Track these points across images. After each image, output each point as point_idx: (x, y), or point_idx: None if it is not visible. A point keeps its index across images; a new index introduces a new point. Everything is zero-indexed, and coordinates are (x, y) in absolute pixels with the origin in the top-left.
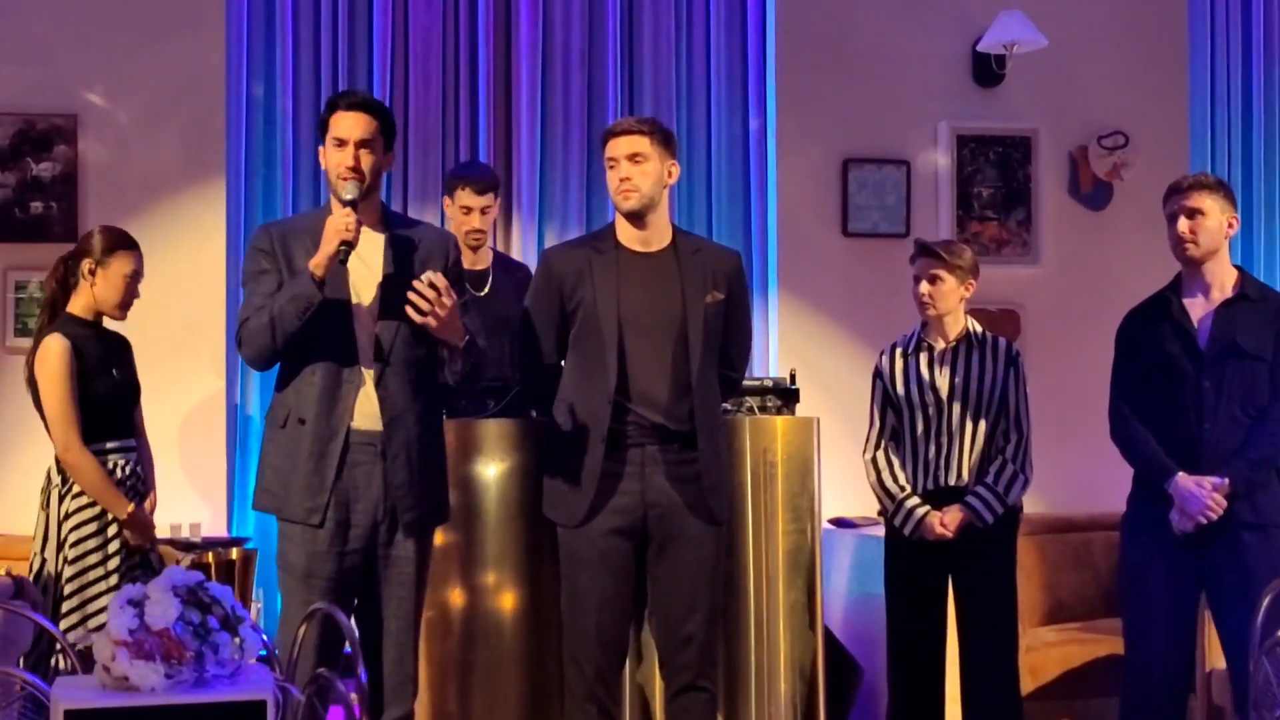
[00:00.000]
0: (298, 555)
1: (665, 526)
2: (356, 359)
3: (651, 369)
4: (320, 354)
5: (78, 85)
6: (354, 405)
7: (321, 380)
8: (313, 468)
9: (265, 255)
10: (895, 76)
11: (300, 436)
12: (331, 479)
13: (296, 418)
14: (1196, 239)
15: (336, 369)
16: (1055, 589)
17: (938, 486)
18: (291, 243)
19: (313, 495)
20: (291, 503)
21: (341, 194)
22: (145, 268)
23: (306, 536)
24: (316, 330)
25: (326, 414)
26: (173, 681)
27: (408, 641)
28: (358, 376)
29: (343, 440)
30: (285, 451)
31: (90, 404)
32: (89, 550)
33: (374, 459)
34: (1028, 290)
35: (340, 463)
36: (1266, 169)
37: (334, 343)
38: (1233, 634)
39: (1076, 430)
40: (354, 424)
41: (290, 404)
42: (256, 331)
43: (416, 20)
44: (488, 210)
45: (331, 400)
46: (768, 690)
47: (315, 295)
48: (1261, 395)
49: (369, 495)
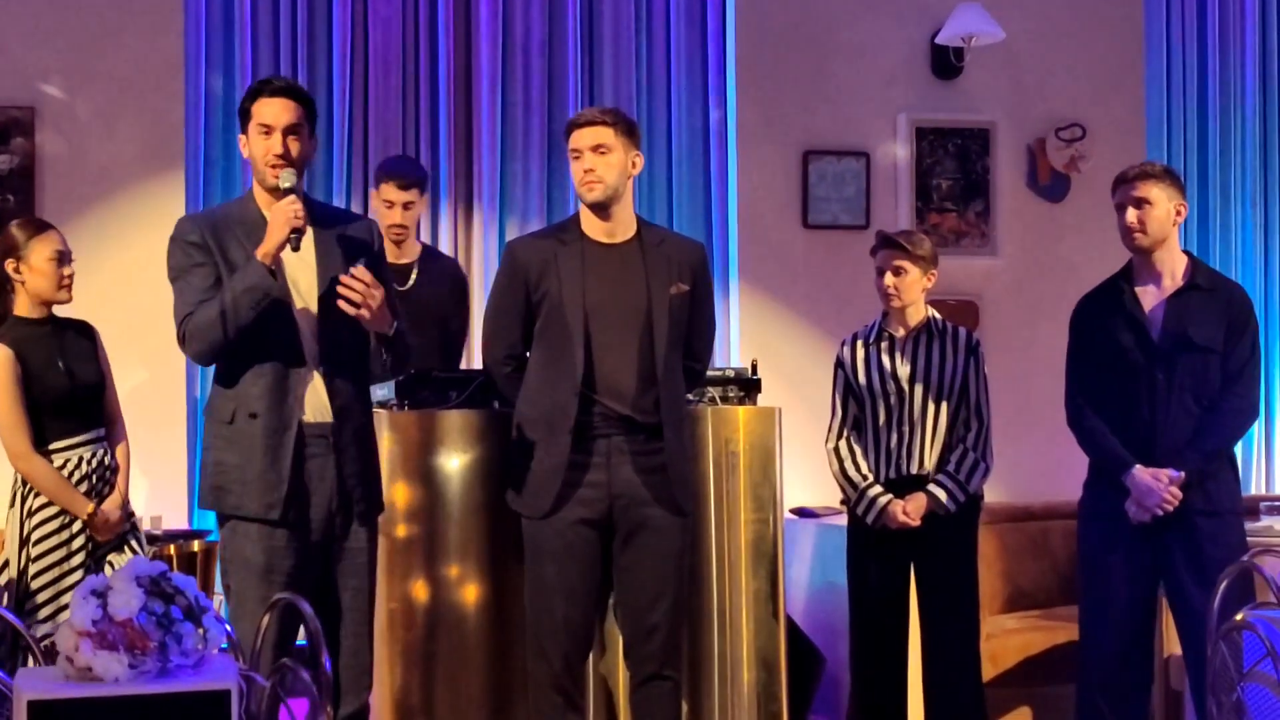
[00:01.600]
0: (255, 551)
1: (631, 517)
2: (301, 351)
3: (617, 360)
4: (265, 347)
5: (35, 77)
6: (304, 397)
7: (271, 374)
8: (268, 463)
9: (197, 248)
10: (854, 68)
11: (252, 431)
12: (288, 472)
13: (247, 413)
14: (1145, 228)
15: (283, 362)
16: (1015, 577)
17: (900, 475)
18: (223, 235)
19: (270, 490)
20: (248, 498)
21: (280, 183)
22: (100, 259)
23: (264, 532)
24: (262, 322)
25: (277, 407)
26: (136, 672)
27: (364, 633)
28: (304, 369)
29: (295, 433)
30: (236, 447)
31: (41, 405)
32: (52, 547)
33: (326, 450)
34: (986, 281)
35: (295, 456)
36: (1222, 160)
37: (277, 336)
38: (1189, 619)
39: (1034, 420)
40: (304, 417)
41: (239, 399)
42: (206, 326)
43: (376, 12)
44: (410, 205)
45: (281, 393)
46: (731, 679)
47: (271, 285)
48: (1213, 386)
49: (323, 488)
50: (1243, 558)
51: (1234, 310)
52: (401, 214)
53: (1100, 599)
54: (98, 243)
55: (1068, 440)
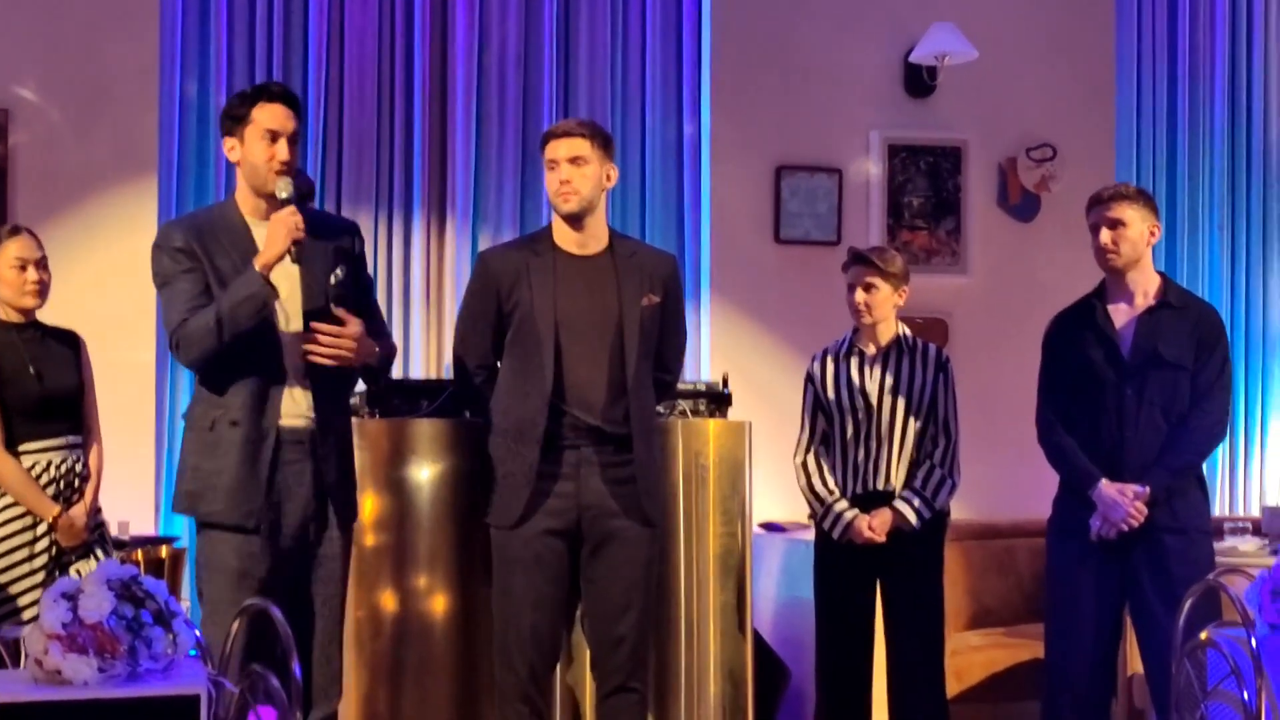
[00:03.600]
0: (229, 557)
1: (600, 528)
2: (282, 358)
3: (588, 371)
4: (248, 357)
5: (9, 79)
6: (280, 404)
7: (252, 381)
8: (247, 470)
9: (185, 254)
10: (828, 85)
11: (232, 439)
12: (265, 480)
13: (228, 420)
14: (1119, 249)
15: (264, 370)
16: (980, 594)
17: (867, 490)
18: (208, 241)
19: (249, 498)
20: (225, 506)
21: (278, 192)
22: (73, 264)
23: (239, 539)
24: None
25: (257, 416)
26: (106, 675)
27: (335, 639)
28: (283, 377)
29: (274, 440)
30: (215, 454)
31: (11, 407)
32: (16, 547)
33: (304, 457)
34: (956, 300)
35: (273, 463)
36: (1190, 181)
37: (260, 346)
38: (1154, 637)
39: (1002, 438)
40: (282, 423)
41: (221, 407)
42: (201, 333)
43: (351, 21)
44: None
45: (261, 400)
46: (697, 691)
47: (269, 294)
48: (1182, 403)
49: (300, 494)
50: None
51: (1204, 329)
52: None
53: (1068, 615)
54: (70, 247)
55: (1035, 458)
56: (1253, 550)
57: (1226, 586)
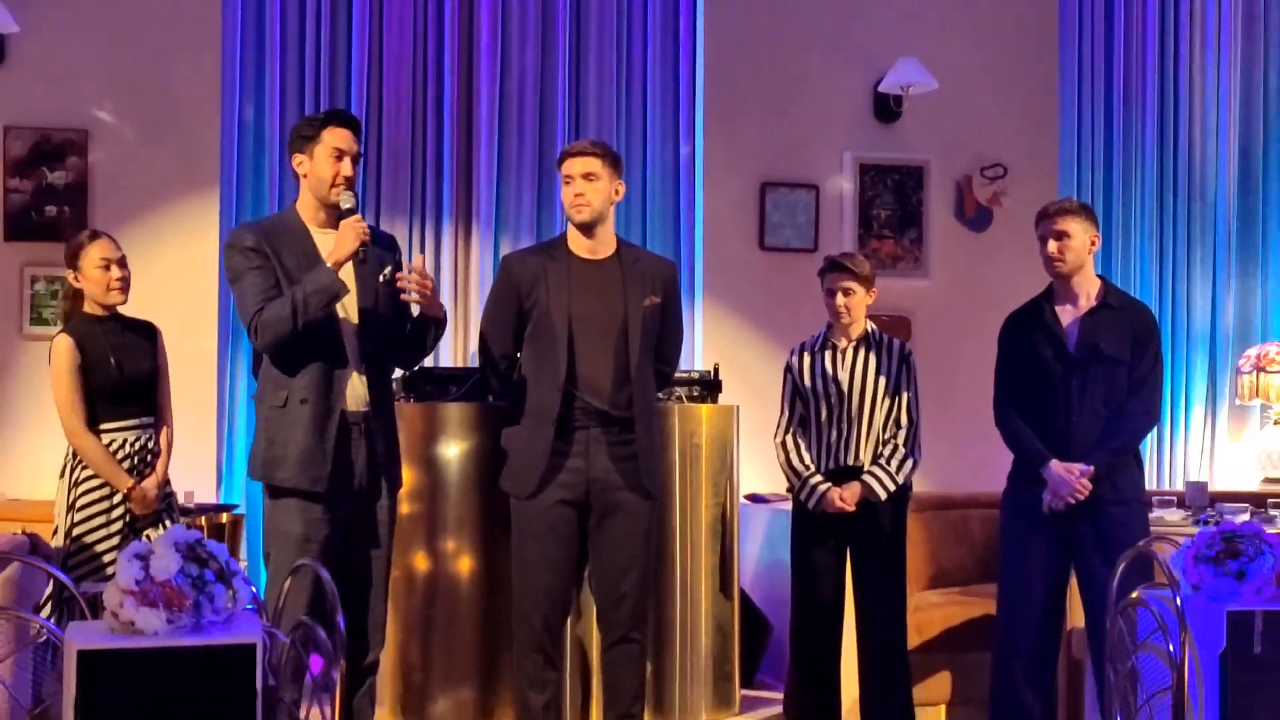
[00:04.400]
0: (294, 522)
1: (605, 500)
2: (344, 348)
3: (596, 362)
4: (316, 342)
5: (89, 104)
6: (345, 389)
7: (318, 365)
8: (316, 441)
9: (255, 253)
10: (807, 112)
11: (303, 415)
12: (332, 452)
13: (298, 399)
14: (1064, 257)
15: (330, 356)
16: (938, 558)
17: (838, 466)
18: (275, 242)
19: (316, 466)
20: (294, 472)
21: (342, 204)
22: (144, 265)
23: (304, 505)
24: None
25: (325, 396)
26: (173, 626)
27: (381, 597)
28: (346, 363)
29: (339, 418)
30: (286, 427)
31: (93, 390)
32: (95, 514)
33: (361, 435)
34: (918, 300)
35: (339, 439)
36: (1124, 196)
37: (324, 335)
38: (1094, 597)
39: (958, 420)
40: (346, 405)
41: (291, 387)
42: (275, 320)
43: (389, 51)
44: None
45: (328, 384)
46: (690, 642)
47: (341, 288)
48: (1120, 392)
49: (357, 467)
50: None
51: (1140, 327)
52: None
53: (1019, 578)
54: (142, 250)
55: (987, 439)
56: (1177, 520)
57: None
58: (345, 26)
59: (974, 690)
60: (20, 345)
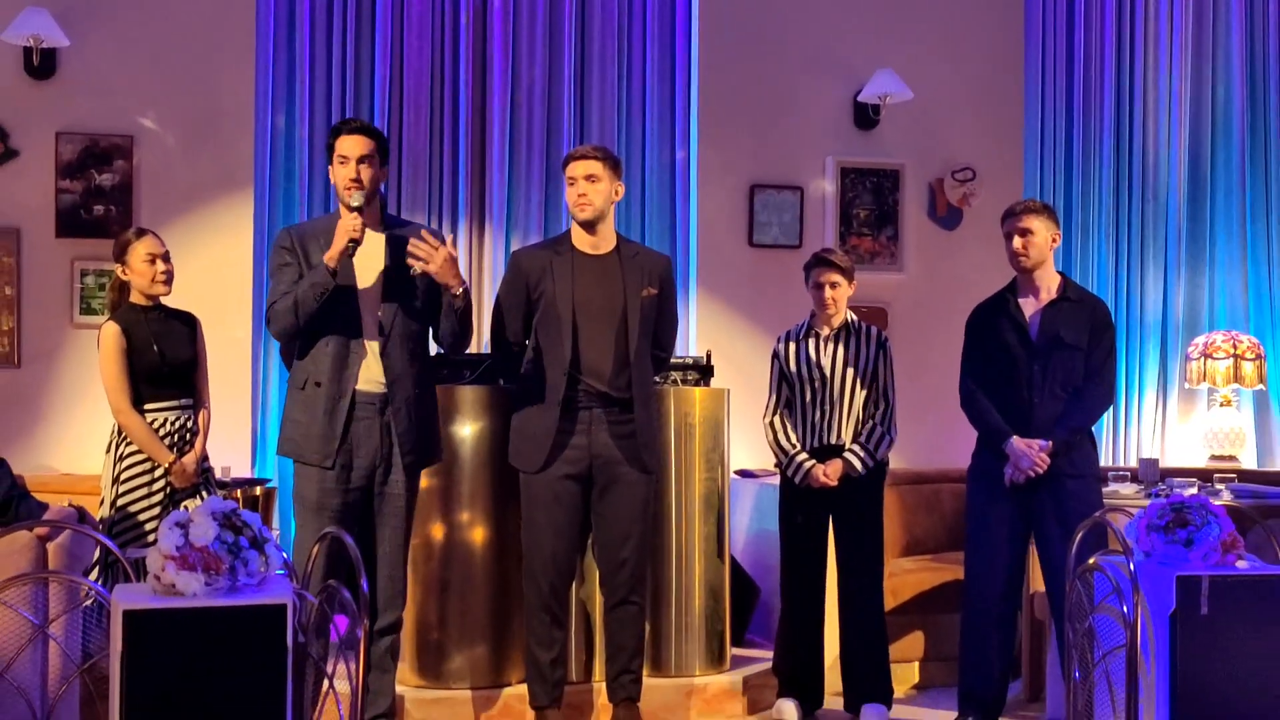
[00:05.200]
0: (311, 491)
1: (607, 474)
2: (361, 334)
3: (598, 348)
4: (332, 330)
5: (135, 112)
6: (359, 372)
7: (334, 351)
8: (326, 421)
9: (287, 251)
10: (792, 120)
11: (316, 396)
12: (341, 430)
13: (314, 381)
14: (1027, 253)
15: (345, 342)
16: (912, 528)
17: (821, 444)
18: (308, 242)
19: (327, 443)
20: (309, 449)
21: (349, 202)
22: (184, 260)
23: (319, 476)
24: (331, 310)
25: (337, 379)
26: (211, 588)
27: (399, 561)
28: (361, 348)
29: (349, 399)
30: (304, 408)
31: (138, 373)
32: (138, 486)
33: (374, 415)
34: (894, 293)
35: (347, 418)
36: (1083, 198)
37: (343, 321)
38: (1052, 562)
39: (931, 402)
40: (358, 386)
41: (309, 371)
42: (282, 312)
43: (410, 66)
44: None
45: (341, 367)
46: (685, 604)
47: (329, 283)
48: (1078, 377)
49: (369, 444)
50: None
51: (1096, 318)
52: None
53: (983, 545)
54: (182, 247)
55: (957, 419)
56: (1131, 494)
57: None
58: (369, 42)
59: (945, 648)
60: (71, 334)
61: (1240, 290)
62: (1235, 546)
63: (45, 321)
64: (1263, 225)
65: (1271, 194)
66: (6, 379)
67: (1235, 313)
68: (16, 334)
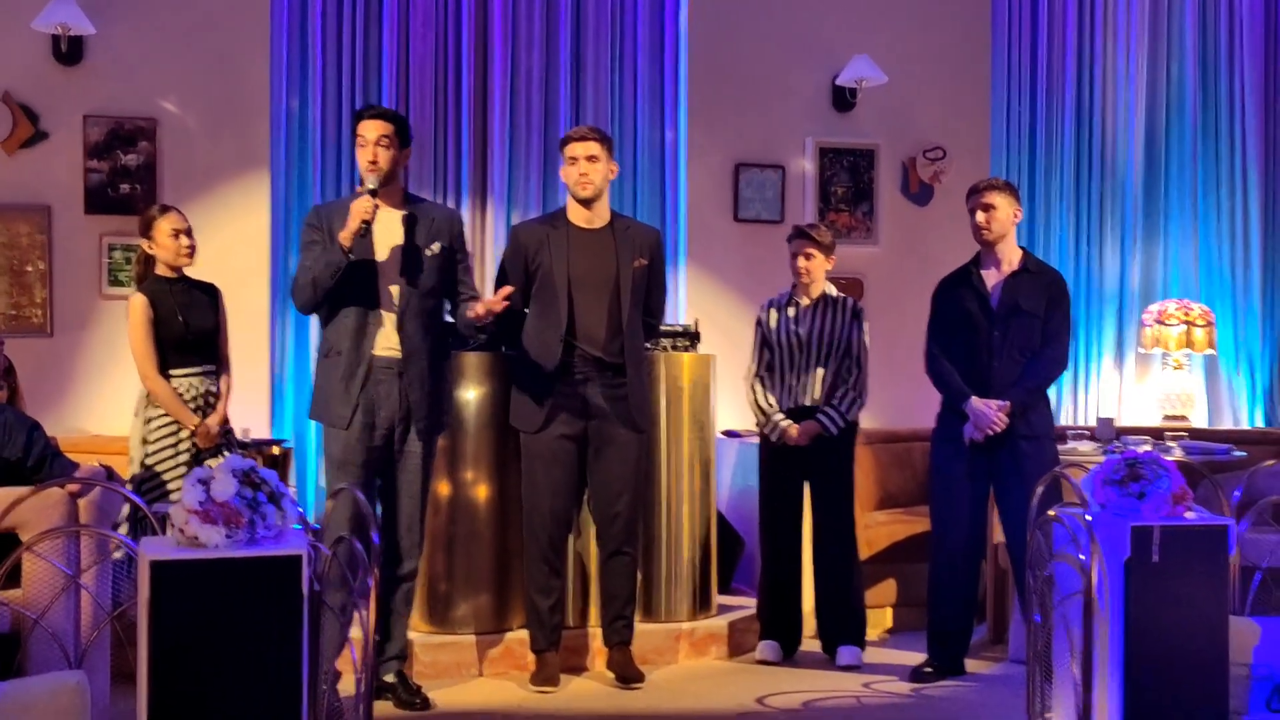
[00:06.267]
0: (336, 449)
1: (601, 433)
2: (379, 305)
3: (593, 316)
4: (353, 301)
5: (158, 95)
6: (376, 340)
7: (354, 321)
8: (344, 386)
9: (314, 229)
10: (774, 103)
11: (337, 364)
12: (357, 393)
13: (335, 350)
14: (990, 227)
15: (364, 312)
16: (885, 483)
17: (798, 406)
18: (335, 220)
19: (345, 405)
20: (331, 412)
21: (366, 183)
22: (205, 236)
23: (343, 436)
24: (351, 283)
25: (356, 347)
26: (231, 541)
27: (416, 514)
28: (379, 318)
29: (367, 365)
30: (327, 375)
31: (163, 341)
32: (164, 446)
33: (392, 379)
34: (870, 265)
35: (365, 382)
36: (1046, 174)
37: (363, 293)
38: (1012, 515)
39: (902, 368)
40: (376, 353)
41: (331, 340)
42: (302, 286)
43: (415, 52)
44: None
45: (360, 336)
46: (674, 555)
47: (343, 261)
48: (1035, 342)
49: (389, 405)
50: (1054, 469)
51: (1053, 288)
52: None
53: (947, 500)
54: (203, 223)
55: (925, 382)
56: (1089, 451)
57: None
58: (377, 31)
59: (915, 594)
60: (99, 304)
61: (1192, 261)
62: (1185, 499)
63: (75, 293)
64: (1214, 200)
65: (1222, 170)
66: (40, 347)
67: (1187, 282)
68: (49, 305)
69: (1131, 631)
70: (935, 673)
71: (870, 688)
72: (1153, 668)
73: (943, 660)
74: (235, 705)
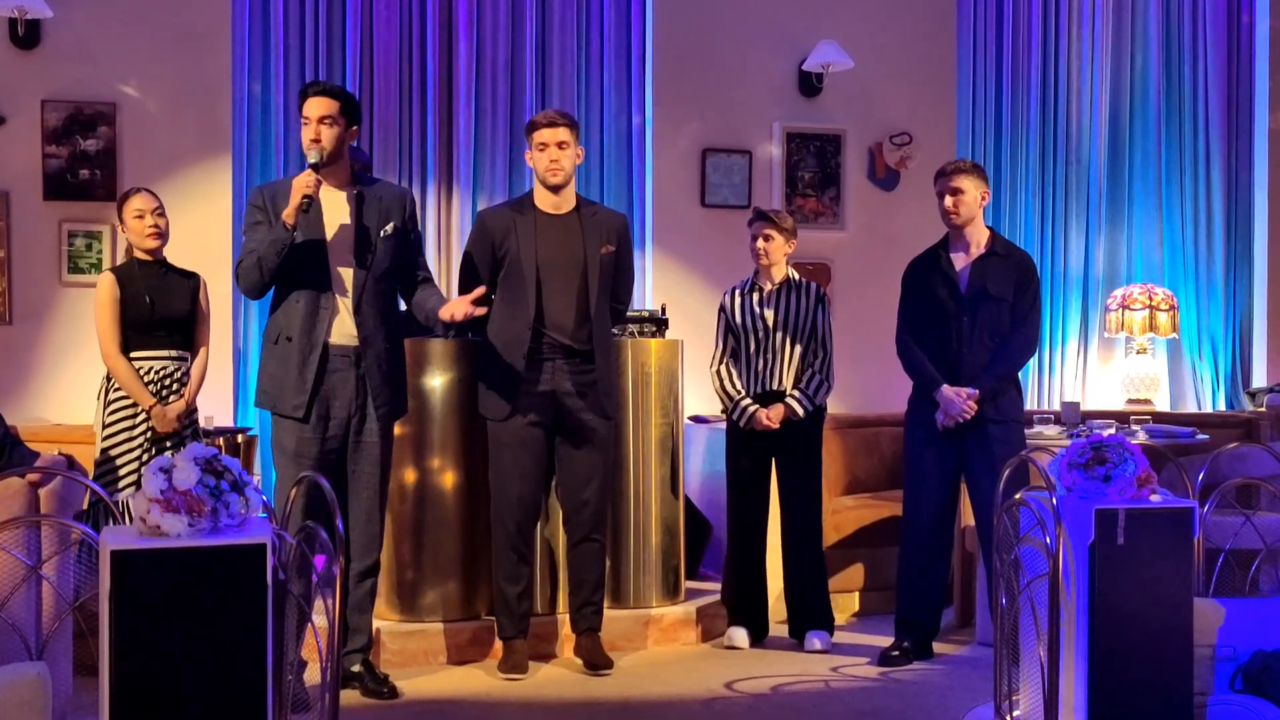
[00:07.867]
0: (289, 441)
1: (569, 420)
2: (331, 288)
3: (560, 302)
4: (302, 284)
5: (117, 80)
6: (330, 326)
7: (304, 305)
8: (298, 375)
9: (259, 210)
10: (741, 88)
11: (289, 351)
12: (312, 382)
13: (285, 336)
14: (958, 210)
15: (315, 296)
16: (853, 468)
17: (764, 390)
18: (279, 199)
19: (299, 395)
20: (283, 401)
21: (310, 158)
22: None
23: (295, 426)
24: (299, 266)
25: (308, 332)
26: (194, 529)
27: (375, 507)
28: (332, 302)
29: (320, 353)
30: (278, 362)
31: (128, 323)
32: (121, 429)
33: (348, 367)
34: (836, 249)
35: (320, 370)
36: (1012, 161)
37: (313, 276)
38: (980, 499)
39: (869, 352)
40: (330, 340)
41: (281, 325)
42: (248, 268)
43: (379, 36)
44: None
45: (312, 322)
46: (643, 541)
47: (288, 238)
48: (1004, 327)
49: (344, 395)
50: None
51: (1022, 271)
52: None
53: (918, 484)
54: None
55: (894, 367)
56: (1054, 435)
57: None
58: (340, 12)
59: (883, 578)
60: (59, 292)
61: (1156, 246)
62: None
63: (35, 281)
64: (1176, 186)
65: (1185, 157)
66: None
67: (1151, 267)
68: (8, 293)
69: (1097, 613)
70: (903, 656)
71: (839, 671)
72: (1118, 649)
73: (911, 644)
74: (199, 696)
